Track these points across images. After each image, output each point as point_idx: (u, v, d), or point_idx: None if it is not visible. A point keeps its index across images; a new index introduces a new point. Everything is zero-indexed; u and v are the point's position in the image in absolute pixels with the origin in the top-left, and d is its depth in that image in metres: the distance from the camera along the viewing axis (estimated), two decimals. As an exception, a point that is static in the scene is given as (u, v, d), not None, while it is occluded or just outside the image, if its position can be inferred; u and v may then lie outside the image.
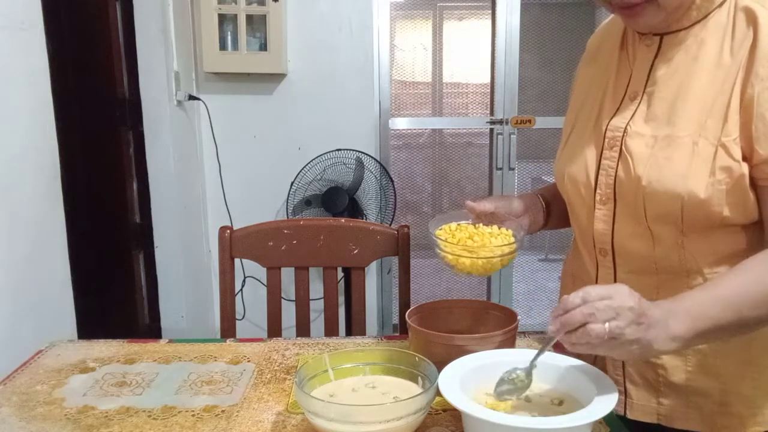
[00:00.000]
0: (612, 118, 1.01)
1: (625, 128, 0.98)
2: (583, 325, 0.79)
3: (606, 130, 1.01)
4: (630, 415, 1.05)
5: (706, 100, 0.92)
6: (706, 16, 0.94)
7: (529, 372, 0.90)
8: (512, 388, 0.90)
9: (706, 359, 0.98)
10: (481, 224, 1.11)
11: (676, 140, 0.92)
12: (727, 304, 0.84)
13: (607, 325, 0.78)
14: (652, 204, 0.94)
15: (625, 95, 1.02)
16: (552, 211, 1.18)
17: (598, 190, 1.01)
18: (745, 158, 0.90)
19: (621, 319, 0.78)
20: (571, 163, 1.06)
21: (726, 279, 0.88)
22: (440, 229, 1.11)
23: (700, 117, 0.91)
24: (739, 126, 0.89)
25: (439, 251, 1.07)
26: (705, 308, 0.84)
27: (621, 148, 0.98)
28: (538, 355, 0.89)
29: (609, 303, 0.79)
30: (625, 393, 1.05)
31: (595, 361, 1.07)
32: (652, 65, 0.99)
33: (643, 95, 0.99)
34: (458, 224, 1.12)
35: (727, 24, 0.93)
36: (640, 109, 0.98)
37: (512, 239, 1.07)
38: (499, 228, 1.09)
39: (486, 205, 1.10)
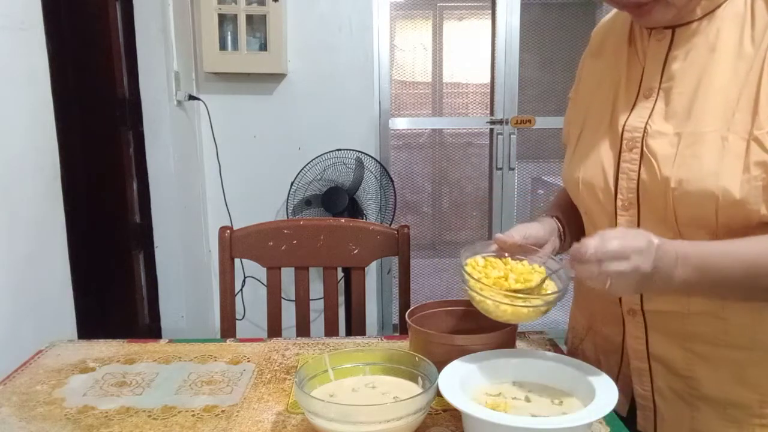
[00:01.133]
0: (628, 117, 0.96)
1: (645, 127, 0.93)
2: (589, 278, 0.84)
3: (623, 130, 0.95)
4: None
5: (730, 93, 0.87)
6: (719, 6, 0.90)
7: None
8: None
9: (743, 369, 0.93)
10: (509, 258, 1.01)
11: (702, 137, 0.87)
12: (746, 265, 0.84)
13: (609, 281, 0.81)
14: (682, 206, 0.88)
15: (639, 92, 0.96)
16: (567, 233, 1.11)
17: (619, 195, 0.96)
18: None
19: (625, 279, 0.81)
20: (584, 167, 1.01)
21: (751, 241, 0.86)
22: (466, 264, 0.98)
23: (726, 111, 0.87)
24: None
25: (474, 294, 0.94)
26: (717, 261, 0.84)
27: (642, 149, 0.93)
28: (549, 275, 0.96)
29: (619, 268, 0.81)
30: (654, 410, 1.00)
31: (619, 374, 1.04)
32: (665, 60, 0.94)
33: (659, 91, 0.94)
34: (485, 258, 1.00)
35: (745, 12, 0.89)
36: (658, 107, 0.93)
37: (545, 275, 0.98)
38: (530, 263, 1.00)
39: (515, 238, 1.01)
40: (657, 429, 1.00)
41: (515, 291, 0.94)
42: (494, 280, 0.95)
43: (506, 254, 1.01)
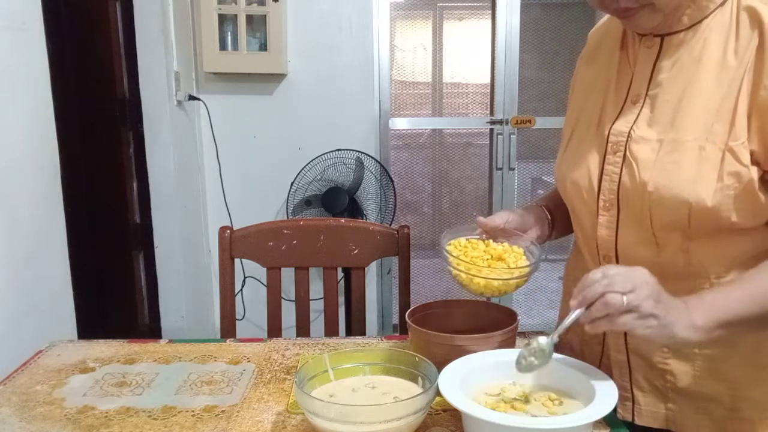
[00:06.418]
0: (614, 122, 0.99)
1: (629, 133, 0.96)
2: (602, 296, 0.81)
3: (609, 134, 0.99)
4: (638, 422, 1.03)
5: (712, 103, 0.90)
6: (707, 16, 0.92)
7: (550, 345, 0.89)
8: (532, 362, 0.90)
9: (716, 364, 0.97)
10: (490, 240, 1.08)
11: (682, 145, 0.90)
12: (750, 298, 0.85)
13: (624, 297, 0.80)
14: (658, 210, 0.92)
15: (626, 98, 0.99)
16: (556, 222, 1.16)
17: (601, 196, 0.99)
18: (755, 162, 0.88)
19: (638, 292, 0.81)
20: (573, 168, 1.04)
21: (748, 276, 0.88)
22: (449, 244, 1.07)
23: (706, 120, 0.89)
24: (751, 130, 0.87)
25: (451, 269, 1.03)
26: (726, 301, 0.85)
27: (625, 154, 0.96)
28: (561, 327, 0.87)
29: (627, 275, 0.82)
30: (632, 400, 1.04)
31: (600, 365, 1.07)
32: (653, 67, 0.97)
33: (645, 98, 0.97)
34: (468, 240, 1.08)
35: (730, 24, 0.91)
36: (644, 113, 0.96)
37: (523, 257, 1.05)
38: (511, 245, 1.07)
39: (497, 221, 1.08)
40: (635, 419, 1.04)
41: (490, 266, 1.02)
42: (471, 257, 1.03)
43: (489, 238, 1.09)
